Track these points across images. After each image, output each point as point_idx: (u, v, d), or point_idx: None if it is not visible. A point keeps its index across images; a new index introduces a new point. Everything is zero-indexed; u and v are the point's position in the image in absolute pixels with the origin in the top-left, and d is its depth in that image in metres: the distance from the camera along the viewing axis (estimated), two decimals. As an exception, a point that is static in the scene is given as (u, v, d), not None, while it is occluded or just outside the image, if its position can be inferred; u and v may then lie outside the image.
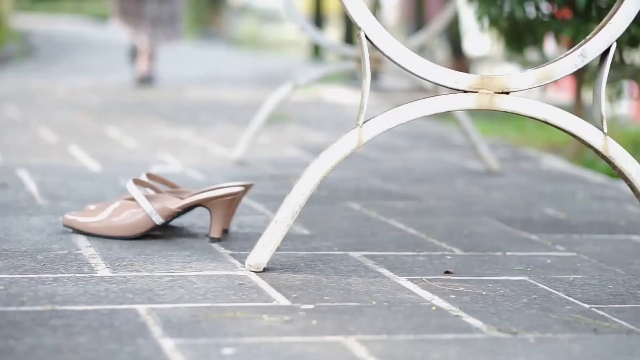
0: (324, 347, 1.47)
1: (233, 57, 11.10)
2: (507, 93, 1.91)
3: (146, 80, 6.46)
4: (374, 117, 1.90)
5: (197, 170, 3.13)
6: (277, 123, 4.40)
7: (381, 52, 1.89)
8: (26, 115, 4.52)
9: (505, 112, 1.90)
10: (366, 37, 1.88)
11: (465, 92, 1.91)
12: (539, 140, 4.37)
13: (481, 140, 3.33)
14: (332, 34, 11.69)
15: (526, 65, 4.68)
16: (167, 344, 1.46)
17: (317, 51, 10.22)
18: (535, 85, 1.90)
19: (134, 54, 6.61)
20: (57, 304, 1.64)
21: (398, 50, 1.89)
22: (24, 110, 4.71)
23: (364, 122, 1.90)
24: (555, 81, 1.93)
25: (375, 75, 7.88)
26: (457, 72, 1.90)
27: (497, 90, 1.90)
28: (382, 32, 1.88)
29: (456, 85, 1.90)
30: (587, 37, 1.91)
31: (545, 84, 1.90)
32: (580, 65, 1.89)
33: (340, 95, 6.35)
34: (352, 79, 7.45)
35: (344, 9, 1.88)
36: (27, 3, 23.81)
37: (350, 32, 8.88)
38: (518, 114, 1.90)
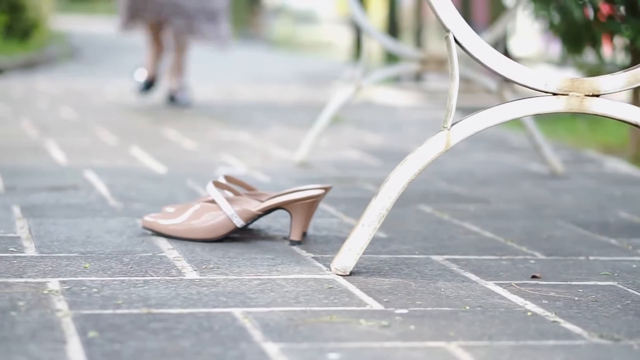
0: (428, 353, 1.46)
1: (274, 58, 11.12)
2: (598, 96, 1.89)
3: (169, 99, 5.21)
4: (462, 120, 1.89)
5: (261, 172, 3.12)
6: (333, 125, 4.40)
7: (470, 54, 1.87)
8: (81, 116, 4.54)
9: (596, 115, 1.88)
10: (455, 40, 1.87)
11: (554, 94, 1.89)
12: (592, 142, 4.34)
13: (545, 143, 3.30)
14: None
15: (582, 68, 4.64)
16: (271, 348, 1.45)
17: (357, 52, 10.20)
18: (626, 88, 1.88)
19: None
20: (153, 307, 1.63)
21: (487, 53, 1.87)
22: (78, 112, 4.73)
23: (452, 125, 1.88)
24: None
25: (419, 76, 7.87)
26: (547, 74, 1.88)
27: (587, 93, 1.88)
28: (471, 35, 1.87)
29: (546, 87, 1.88)
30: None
31: (637, 87, 1.88)
32: (672, 68, 1.86)
33: (389, 96, 6.34)
34: (396, 80, 7.44)
35: (433, 11, 1.87)
36: (64, 4, 23.96)
37: (394, 33, 8.86)
38: (608, 117, 1.88)
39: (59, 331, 1.49)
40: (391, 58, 8.72)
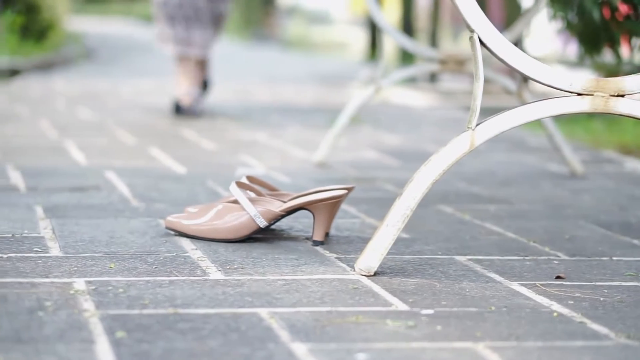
0: (456, 354, 1.46)
1: (288, 58, 11.12)
2: (623, 96, 1.88)
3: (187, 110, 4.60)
4: (486, 120, 1.88)
5: (280, 172, 3.12)
6: (350, 125, 4.39)
7: (494, 54, 1.87)
8: (99, 116, 4.55)
9: (620, 115, 1.88)
10: (479, 40, 1.86)
11: (579, 94, 1.88)
12: (610, 142, 4.32)
13: (565, 143, 3.29)
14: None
15: (601, 68, 4.63)
16: (299, 348, 1.45)
17: (372, 53, 10.20)
18: (651, 88, 1.87)
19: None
20: (179, 307, 1.64)
21: (512, 54, 1.87)
22: (95, 112, 4.75)
23: (476, 125, 1.88)
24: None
25: (434, 77, 7.86)
26: (571, 74, 1.88)
27: (612, 93, 1.88)
28: (496, 35, 1.86)
29: (570, 87, 1.88)
30: None
31: (662, 87, 1.87)
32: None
33: (405, 96, 6.34)
34: (412, 80, 7.43)
35: (457, 11, 1.86)
36: (78, 5, 24.03)
37: (409, 33, 8.85)
38: (633, 117, 1.87)
39: (87, 331, 1.50)
40: (406, 58, 8.71)
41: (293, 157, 3.47)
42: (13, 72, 6.89)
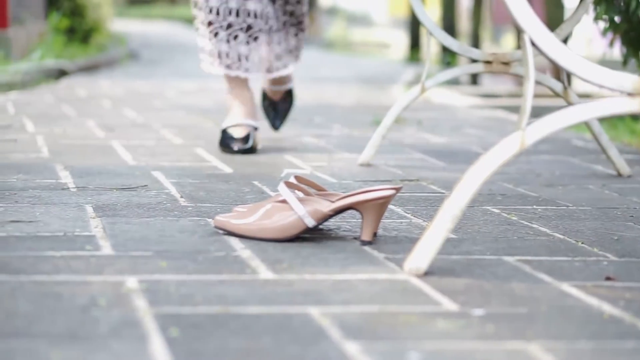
0: (509, 354, 1.46)
1: (330, 59, 11.14)
2: (674, 96, 1.87)
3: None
4: (537, 121, 1.88)
5: (326, 172, 3.13)
6: (394, 125, 4.39)
7: (545, 55, 1.87)
8: (145, 117, 4.59)
9: (672, 115, 1.87)
10: (531, 41, 1.86)
11: (630, 95, 1.88)
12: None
13: (611, 144, 3.27)
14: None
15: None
16: (351, 347, 1.46)
17: (412, 54, 10.19)
18: None
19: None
20: (230, 305, 1.65)
21: (563, 54, 1.87)
22: (141, 113, 4.78)
23: (526, 126, 1.87)
24: None
25: (475, 79, 7.84)
26: (623, 74, 1.87)
27: (664, 94, 1.86)
28: (547, 35, 1.86)
29: (621, 87, 1.87)
30: None
31: None
32: None
33: (445, 96, 6.32)
34: (453, 82, 7.41)
35: (509, 12, 1.86)
36: (120, 9, 24.22)
37: (451, 34, 8.83)
38: (685, 118, 1.86)
39: (141, 329, 1.51)
40: (446, 59, 8.69)
41: (338, 158, 3.48)
42: (60, 74, 6.96)
